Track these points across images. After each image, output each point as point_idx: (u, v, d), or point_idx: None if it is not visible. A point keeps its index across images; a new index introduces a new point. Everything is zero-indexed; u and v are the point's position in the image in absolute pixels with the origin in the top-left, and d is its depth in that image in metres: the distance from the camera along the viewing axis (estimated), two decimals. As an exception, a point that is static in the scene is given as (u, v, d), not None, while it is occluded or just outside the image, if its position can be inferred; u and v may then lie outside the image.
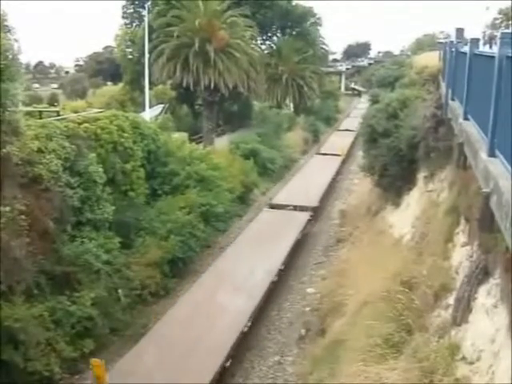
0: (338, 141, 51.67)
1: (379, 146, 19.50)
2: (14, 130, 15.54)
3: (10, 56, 15.13)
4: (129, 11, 58.30)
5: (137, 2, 55.66)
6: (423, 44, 75.58)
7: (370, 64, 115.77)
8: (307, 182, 34.49)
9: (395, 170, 18.87)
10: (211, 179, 27.13)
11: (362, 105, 71.99)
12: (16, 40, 15.61)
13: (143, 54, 41.14)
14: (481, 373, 6.70)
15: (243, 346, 16.29)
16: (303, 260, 24.22)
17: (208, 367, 13.83)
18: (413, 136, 16.41)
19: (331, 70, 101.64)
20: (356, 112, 69.26)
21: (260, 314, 18.14)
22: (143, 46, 41.03)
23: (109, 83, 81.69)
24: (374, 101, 28.12)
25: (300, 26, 60.31)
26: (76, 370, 15.31)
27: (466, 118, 9.10)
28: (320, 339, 15.12)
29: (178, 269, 21.56)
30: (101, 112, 25.37)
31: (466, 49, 9.41)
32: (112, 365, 14.77)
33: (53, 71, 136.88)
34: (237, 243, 23.88)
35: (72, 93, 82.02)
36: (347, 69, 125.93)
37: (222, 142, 40.65)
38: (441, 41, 27.86)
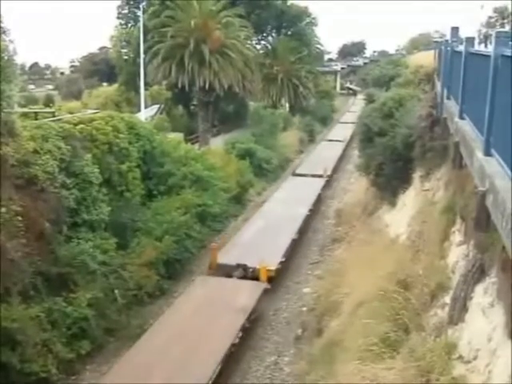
0: (340, 130, 60.02)
1: (375, 146, 19.48)
2: (10, 131, 15.54)
3: (6, 57, 15.13)
4: (124, 12, 58.38)
5: (132, 3, 55.73)
6: (418, 43, 75.89)
7: (365, 63, 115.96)
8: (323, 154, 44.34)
9: (391, 170, 18.84)
10: (207, 179, 27.08)
11: (358, 101, 79.04)
12: (11, 41, 15.64)
13: (138, 54, 41.11)
14: (478, 372, 6.70)
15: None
16: (299, 260, 24.22)
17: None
18: (408, 135, 16.38)
19: (326, 69, 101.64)
20: (354, 107, 76.76)
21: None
22: (138, 46, 40.99)
23: (104, 84, 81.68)
24: (370, 100, 28.17)
25: (295, 25, 60.53)
26: (73, 371, 15.29)
27: (461, 117, 9.09)
28: (317, 339, 15.11)
29: (174, 269, 21.54)
30: (96, 113, 25.32)
31: (462, 48, 9.41)
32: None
33: (48, 72, 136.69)
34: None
35: (67, 94, 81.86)
36: (342, 68, 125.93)
37: (217, 142, 40.59)
38: (436, 40, 27.87)
